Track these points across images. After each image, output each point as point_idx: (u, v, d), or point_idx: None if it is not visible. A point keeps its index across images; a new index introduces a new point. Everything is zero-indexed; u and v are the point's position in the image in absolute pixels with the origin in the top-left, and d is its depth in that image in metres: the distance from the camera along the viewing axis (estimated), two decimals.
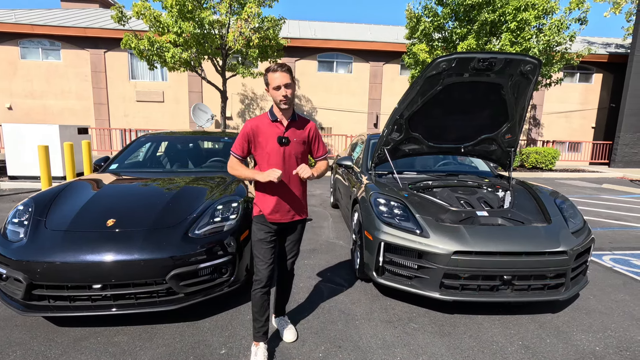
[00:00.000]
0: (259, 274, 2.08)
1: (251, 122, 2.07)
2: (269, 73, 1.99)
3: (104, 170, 3.84)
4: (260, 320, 2.10)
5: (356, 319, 2.60)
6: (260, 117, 2.10)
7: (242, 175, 2.09)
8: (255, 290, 2.08)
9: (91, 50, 13.42)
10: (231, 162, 2.13)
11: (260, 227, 2.10)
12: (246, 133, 2.05)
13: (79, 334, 2.34)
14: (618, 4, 20.40)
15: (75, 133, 8.39)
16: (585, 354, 2.25)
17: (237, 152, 2.09)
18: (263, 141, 2.04)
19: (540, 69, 2.92)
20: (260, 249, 2.09)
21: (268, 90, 2.03)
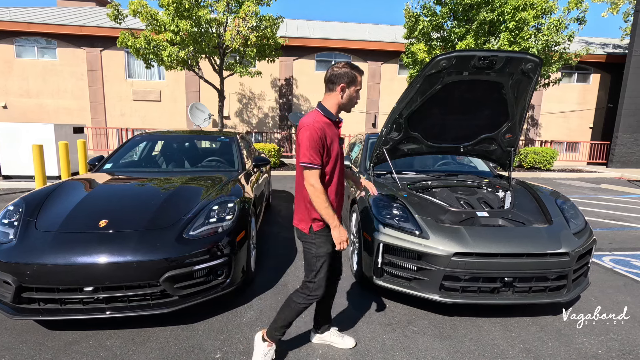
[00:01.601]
0: (321, 287, 1.96)
1: (317, 124, 1.82)
2: (358, 74, 1.89)
3: (97, 169, 3.78)
4: (290, 324, 2.04)
5: (355, 321, 2.55)
6: (315, 117, 1.86)
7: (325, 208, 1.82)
8: (311, 300, 1.97)
9: (87, 48, 13.31)
10: (314, 177, 1.81)
11: (326, 240, 1.94)
12: (320, 138, 1.80)
13: (70, 338, 2.28)
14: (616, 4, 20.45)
15: (70, 132, 8.31)
16: (587, 358, 2.21)
17: (318, 162, 1.81)
18: (331, 144, 1.88)
19: (541, 68, 2.88)
20: (327, 262, 1.97)
21: (347, 88, 1.89)
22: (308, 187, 1.83)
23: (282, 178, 9.51)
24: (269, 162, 4.40)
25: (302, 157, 1.81)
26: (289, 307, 2.00)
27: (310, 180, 1.82)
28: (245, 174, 3.79)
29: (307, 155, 1.80)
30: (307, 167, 1.81)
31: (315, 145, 1.79)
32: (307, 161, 1.80)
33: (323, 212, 1.84)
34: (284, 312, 2.01)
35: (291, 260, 3.67)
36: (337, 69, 1.88)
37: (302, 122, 1.86)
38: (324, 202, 1.82)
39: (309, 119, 1.85)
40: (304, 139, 1.81)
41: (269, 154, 10.60)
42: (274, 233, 4.55)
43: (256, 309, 2.69)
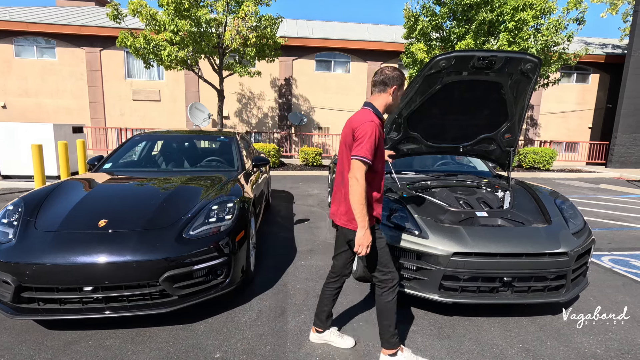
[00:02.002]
0: (396, 276, 2.02)
1: (375, 122, 1.87)
2: (404, 78, 1.99)
3: (97, 169, 3.78)
4: (396, 324, 2.05)
5: (354, 321, 2.55)
6: (371, 116, 1.90)
7: (361, 205, 1.83)
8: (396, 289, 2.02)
9: (87, 48, 13.30)
10: (361, 171, 1.83)
11: (381, 233, 2.04)
12: (378, 136, 1.86)
13: (69, 338, 2.28)
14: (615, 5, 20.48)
15: (70, 132, 8.30)
16: (586, 357, 2.21)
17: (371, 158, 1.84)
18: (379, 145, 1.91)
19: (541, 68, 2.88)
20: (388, 254, 2.01)
21: (397, 91, 1.97)
22: (352, 179, 1.84)
23: (282, 178, 9.51)
24: (268, 162, 4.40)
25: (360, 150, 1.83)
26: (386, 310, 2.01)
27: (357, 173, 1.83)
28: (245, 174, 3.79)
29: (365, 149, 1.82)
30: (362, 160, 1.82)
31: (373, 142, 1.84)
32: (362, 155, 1.82)
33: (357, 208, 1.84)
34: (385, 319, 2.02)
35: (290, 260, 3.67)
36: (390, 72, 1.96)
37: (359, 119, 1.90)
38: (363, 198, 1.83)
39: (366, 117, 1.89)
40: (365, 134, 1.83)
41: (268, 153, 10.61)
42: (273, 233, 4.55)
43: (256, 308, 2.69)
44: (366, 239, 1.87)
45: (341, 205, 2.03)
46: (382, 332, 2.06)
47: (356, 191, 1.83)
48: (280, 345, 2.25)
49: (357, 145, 1.86)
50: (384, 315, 2.03)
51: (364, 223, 1.85)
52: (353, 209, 1.86)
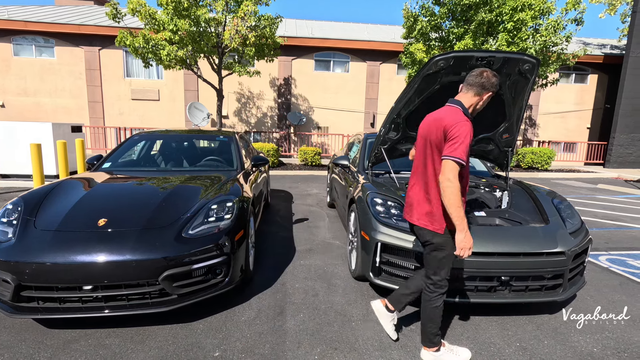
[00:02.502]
0: (447, 283, 2.02)
1: (470, 123, 1.82)
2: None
3: (96, 169, 3.78)
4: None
5: (352, 320, 2.56)
6: (461, 115, 1.85)
7: (458, 207, 1.77)
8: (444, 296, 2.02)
9: (85, 47, 13.27)
10: (454, 172, 1.76)
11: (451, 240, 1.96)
12: (471, 136, 1.80)
13: (69, 336, 2.29)
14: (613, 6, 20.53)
15: (68, 131, 8.29)
16: (583, 356, 2.23)
17: (465, 158, 1.77)
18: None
19: (539, 68, 2.90)
20: (451, 262, 1.99)
21: (488, 92, 1.92)
22: (446, 181, 1.77)
23: (281, 177, 9.51)
24: (267, 161, 4.41)
25: (454, 151, 1.76)
26: (433, 314, 2.03)
27: (451, 174, 1.76)
28: (244, 174, 3.79)
29: (461, 150, 1.76)
30: (457, 161, 1.76)
31: (469, 143, 1.78)
32: (458, 156, 1.75)
33: (455, 212, 1.78)
34: (430, 321, 2.04)
35: (289, 259, 3.68)
36: (492, 78, 1.90)
37: (453, 118, 1.83)
38: (459, 200, 1.78)
39: (459, 116, 1.82)
40: (461, 134, 1.77)
41: (267, 153, 10.61)
42: (272, 232, 4.56)
43: (255, 307, 2.70)
44: (467, 242, 1.80)
45: (422, 205, 1.97)
46: (425, 332, 2.07)
47: (452, 193, 1.77)
48: (279, 344, 2.26)
49: (451, 145, 1.78)
50: (430, 318, 2.04)
51: (463, 225, 1.79)
52: (450, 212, 1.79)
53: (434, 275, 2.01)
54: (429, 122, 1.98)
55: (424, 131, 1.98)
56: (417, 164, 2.03)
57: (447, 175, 1.78)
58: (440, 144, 1.85)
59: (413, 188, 2.06)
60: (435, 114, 1.99)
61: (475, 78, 1.93)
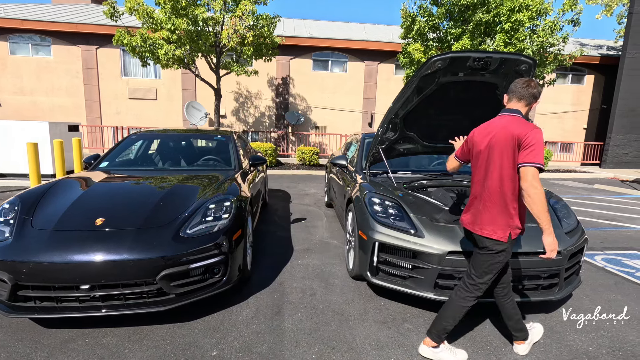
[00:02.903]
0: (484, 289, 2.07)
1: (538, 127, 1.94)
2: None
3: (93, 168, 3.77)
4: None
5: (350, 319, 2.57)
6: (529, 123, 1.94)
7: (546, 212, 1.83)
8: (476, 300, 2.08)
9: (82, 46, 13.22)
10: (538, 178, 1.82)
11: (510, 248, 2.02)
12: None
13: (66, 336, 2.29)
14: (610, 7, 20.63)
15: (65, 130, 8.26)
16: (578, 354, 2.25)
17: (543, 163, 1.84)
18: None
19: (535, 69, 2.91)
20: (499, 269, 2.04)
21: (537, 101, 2.01)
22: (532, 188, 1.81)
23: (279, 177, 9.51)
24: (265, 161, 4.41)
25: (534, 157, 1.82)
26: (457, 312, 2.08)
27: (535, 182, 1.81)
28: (242, 173, 3.80)
29: (540, 156, 1.81)
30: (539, 167, 1.82)
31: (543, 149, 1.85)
32: (539, 161, 1.81)
33: (544, 216, 1.83)
34: (450, 318, 2.09)
35: (287, 259, 3.69)
36: (539, 86, 2.00)
37: (524, 127, 1.88)
38: (546, 204, 1.83)
39: (529, 124, 1.89)
40: (537, 141, 1.83)
41: (265, 153, 10.61)
42: (270, 232, 4.56)
43: (252, 307, 2.70)
44: (555, 243, 1.87)
45: (485, 215, 1.99)
46: (438, 326, 2.10)
47: (540, 199, 1.81)
48: (276, 343, 2.27)
49: (529, 152, 1.83)
50: (453, 315, 2.08)
51: (551, 229, 1.86)
52: (539, 217, 1.83)
53: (478, 277, 2.04)
54: (493, 132, 1.98)
55: (492, 141, 1.97)
56: (480, 175, 2.04)
57: (531, 182, 1.82)
58: (512, 153, 1.88)
59: (476, 199, 2.07)
60: (495, 124, 2.00)
61: (526, 89, 1.98)
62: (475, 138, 2.10)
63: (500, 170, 1.92)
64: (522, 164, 1.85)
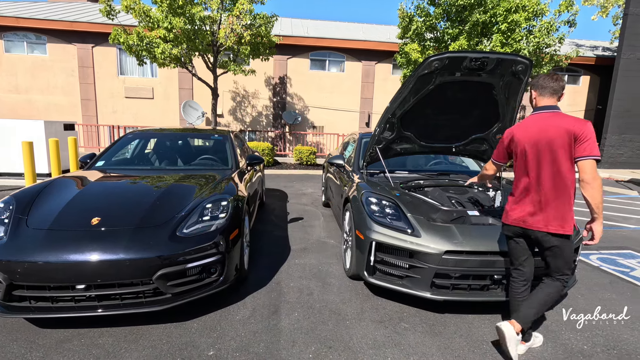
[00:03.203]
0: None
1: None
2: None
3: (89, 167, 3.75)
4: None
5: (347, 318, 2.58)
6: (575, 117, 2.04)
7: (602, 202, 1.97)
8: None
9: (78, 44, 13.14)
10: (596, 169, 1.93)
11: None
12: None
13: (61, 336, 2.27)
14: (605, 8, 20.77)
15: (61, 129, 8.21)
16: (573, 353, 2.26)
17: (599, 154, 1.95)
18: None
19: (532, 69, 2.93)
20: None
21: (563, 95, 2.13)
22: (594, 180, 1.90)
23: (276, 177, 9.50)
24: (262, 160, 4.41)
25: (592, 149, 1.90)
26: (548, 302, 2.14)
27: (595, 172, 1.91)
28: (239, 172, 3.79)
29: (597, 148, 1.90)
30: (597, 159, 1.90)
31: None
32: (597, 154, 1.90)
33: (601, 205, 1.95)
34: (545, 306, 2.15)
35: (284, 258, 3.69)
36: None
37: (576, 122, 1.95)
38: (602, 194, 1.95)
39: (578, 119, 1.97)
40: (592, 134, 1.92)
41: (262, 152, 10.59)
42: (267, 231, 4.56)
43: (249, 306, 2.70)
44: (602, 232, 2.02)
45: (549, 211, 2.03)
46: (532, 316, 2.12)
47: (601, 189, 1.93)
48: (273, 343, 2.26)
49: (587, 145, 1.91)
50: (551, 305, 2.22)
51: (602, 218, 2.00)
52: (598, 207, 1.94)
53: (569, 269, 2.12)
54: (542, 129, 2.02)
55: (546, 138, 2.00)
56: (534, 173, 2.06)
57: (592, 173, 1.91)
58: (569, 147, 1.95)
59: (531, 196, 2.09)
60: (542, 122, 2.04)
61: (557, 83, 2.07)
62: (517, 138, 2.13)
63: (559, 165, 1.98)
64: (581, 158, 1.92)
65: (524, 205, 2.13)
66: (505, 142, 2.25)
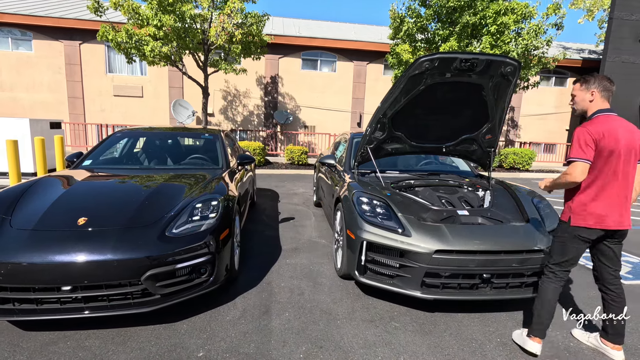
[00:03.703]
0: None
1: None
2: None
3: (76, 166, 3.68)
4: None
5: (338, 318, 2.58)
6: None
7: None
8: None
9: (65, 41, 12.88)
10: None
11: None
12: None
13: (46, 339, 2.22)
14: (591, 12, 21.19)
15: (47, 127, 8.04)
16: (559, 350, 2.30)
17: None
18: None
19: (520, 71, 2.97)
20: None
21: None
22: None
23: (267, 176, 9.47)
24: (253, 160, 4.38)
25: None
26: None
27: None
28: (230, 172, 3.76)
29: None
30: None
31: None
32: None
33: None
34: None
35: (275, 258, 3.67)
36: None
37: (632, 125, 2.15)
38: None
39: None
40: None
41: (254, 152, 10.54)
42: (258, 231, 4.53)
43: (240, 307, 2.68)
44: None
45: (626, 210, 2.17)
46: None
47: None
48: (264, 343, 2.25)
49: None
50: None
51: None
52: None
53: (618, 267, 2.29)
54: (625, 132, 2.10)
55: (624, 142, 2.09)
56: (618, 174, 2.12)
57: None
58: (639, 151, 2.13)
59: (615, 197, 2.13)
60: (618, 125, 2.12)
61: (610, 84, 2.18)
62: (607, 139, 2.09)
63: (634, 168, 2.14)
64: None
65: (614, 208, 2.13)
66: (594, 142, 2.12)
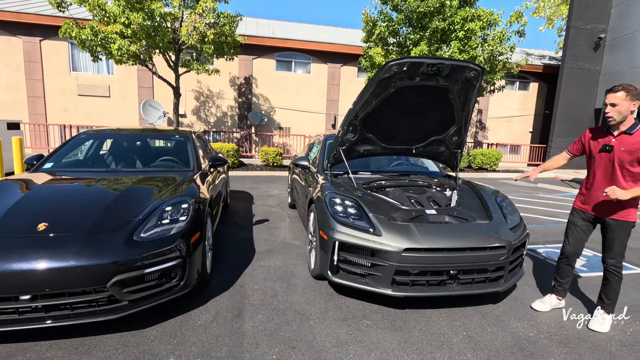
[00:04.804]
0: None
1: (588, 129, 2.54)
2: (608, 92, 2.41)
3: (36, 169, 3.50)
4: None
5: (311, 318, 2.60)
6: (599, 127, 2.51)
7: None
8: None
9: (24, 37, 12.19)
10: None
11: None
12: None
13: (2, 352, 2.10)
14: (551, 20, 22.43)
15: (4, 128, 7.59)
16: (520, 340, 2.43)
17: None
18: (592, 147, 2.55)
19: (483, 76, 3.12)
20: None
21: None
22: None
23: (241, 178, 9.36)
24: (226, 161, 4.33)
25: None
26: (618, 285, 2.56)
27: None
28: (201, 174, 3.70)
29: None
30: None
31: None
32: None
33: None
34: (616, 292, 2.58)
35: (248, 261, 3.65)
36: None
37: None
38: None
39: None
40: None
41: (227, 153, 10.38)
42: (231, 233, 4.48)
43: (212, 310, 2.65)
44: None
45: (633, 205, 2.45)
46: (614, 301, 2.61)
47: None
48: (236, 346, 2.24)
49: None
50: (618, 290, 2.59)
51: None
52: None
53: (622, 256, 2.55)
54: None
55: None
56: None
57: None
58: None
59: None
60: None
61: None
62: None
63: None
64: None
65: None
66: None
